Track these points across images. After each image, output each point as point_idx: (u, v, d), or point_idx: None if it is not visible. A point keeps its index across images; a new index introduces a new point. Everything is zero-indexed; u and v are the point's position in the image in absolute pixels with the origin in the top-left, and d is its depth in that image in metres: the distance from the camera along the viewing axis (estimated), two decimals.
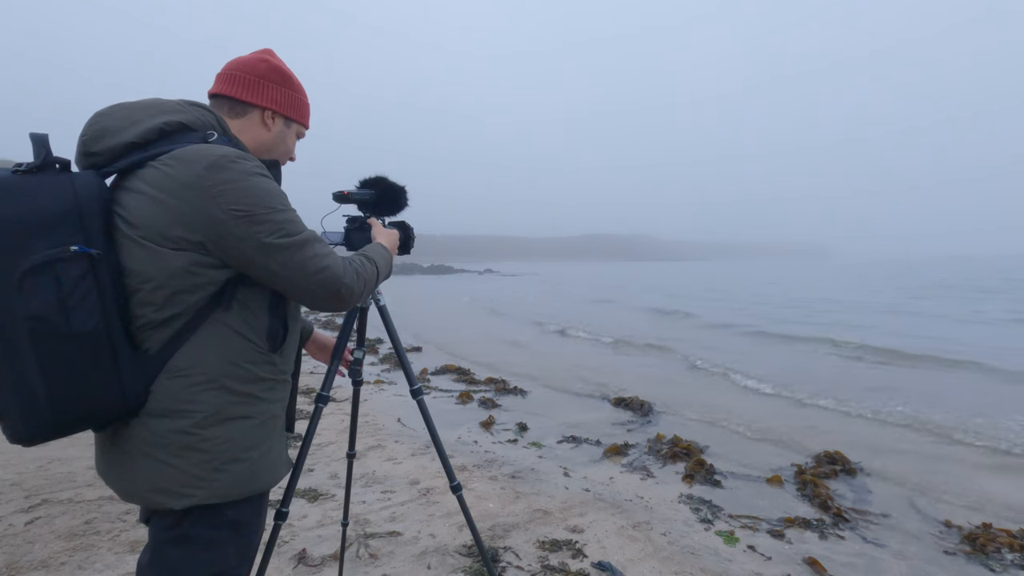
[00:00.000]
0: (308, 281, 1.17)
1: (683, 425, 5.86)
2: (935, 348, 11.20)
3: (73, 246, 1.00)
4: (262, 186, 1.13)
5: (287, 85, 1.35)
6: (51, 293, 0.98)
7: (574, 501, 3.72)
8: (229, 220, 1.08)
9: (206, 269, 1.11)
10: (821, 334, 13.37)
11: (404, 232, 1.88)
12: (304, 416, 5.49)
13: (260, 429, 1.20)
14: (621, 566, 2.88)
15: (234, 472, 1.14)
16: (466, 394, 6.83)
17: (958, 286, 37.58)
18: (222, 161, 1.10)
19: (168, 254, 1.08)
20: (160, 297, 1.09)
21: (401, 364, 2.03)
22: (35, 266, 0.97)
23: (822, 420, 6.29)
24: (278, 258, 1.13)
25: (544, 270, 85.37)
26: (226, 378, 1.13)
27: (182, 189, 1.07)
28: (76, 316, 1.00)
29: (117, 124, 1.13)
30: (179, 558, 1.14)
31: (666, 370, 9.36)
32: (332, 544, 2.94)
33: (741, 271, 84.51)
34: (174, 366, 1.10)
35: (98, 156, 1.12)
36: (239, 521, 1.19)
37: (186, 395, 1.10)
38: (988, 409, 6.62)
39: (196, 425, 1.11)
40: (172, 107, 1.18)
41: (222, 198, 1.08)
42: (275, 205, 1.14)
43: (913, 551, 3.33)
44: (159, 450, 1.10)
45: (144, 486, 1.11)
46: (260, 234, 1.10)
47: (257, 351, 1.19)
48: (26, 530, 3.01)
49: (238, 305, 1.16)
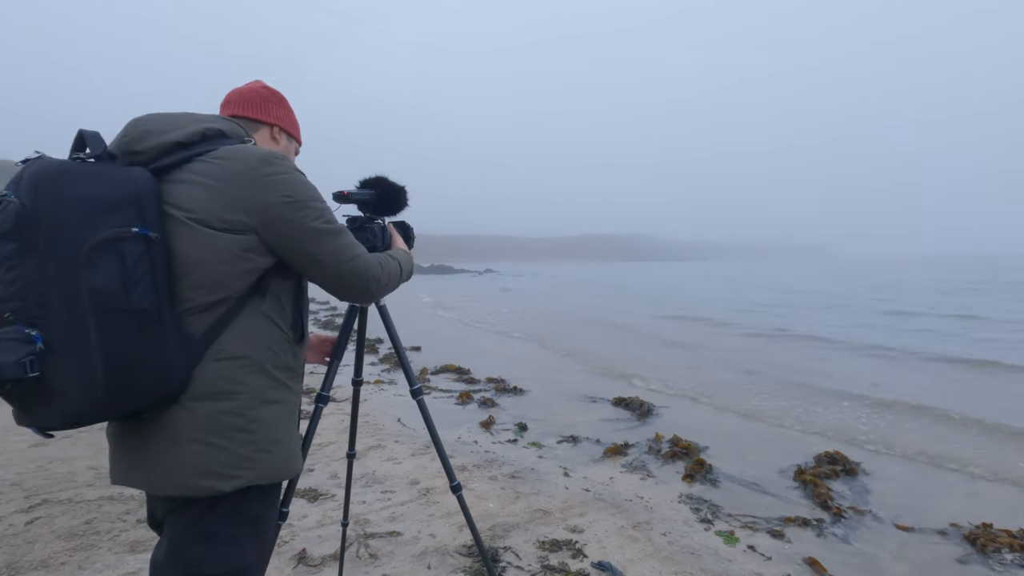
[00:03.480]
0: (342, 267, 1.28)
1: (683, 425, 5.86)
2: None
3: (134, 227, 1.06)
4: (304, 180, 1.27)
5: (285, 106, 1.55)
6: (115, 268, 1.03)
7: (574, 501, 3.72)
8: (280, 204, 1.19)
9: (254, 255, 1.19)
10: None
11: (404, 232, 1.88)
12: (304, 416, 5.50)
13: (291, 415, 1.28)
14: (621, 566, 2.88)
15: (276, 454, 1.20)
16: (466, 394, 6.83)
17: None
18: (270, 157, 1.23)
19: (221, 237, 1.15)
20: (210, 280, 1.14)
21: (401, 364, 2.03)
22: (103, 241, 1.02)
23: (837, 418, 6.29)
24: (319, 242, 1.24)
25: (543, 270, 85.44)
26: (266, 362, 1.20)
27: (237, 177, 1.18)
28: (135, 293, 1.04)
29: (161, 127, 1.20)
30: (200, 554, 1.16)
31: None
32: (332, 544, 2.94)
33: (784, 272, 75.53)
34: (220, 349, 1.15)
35: (142, 154, 1.18)
36: (259, 516, 1.22)
37: (234, 376, 1.15)
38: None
39: (243, 406, 1.15)
40: (209, 117, 1.28)
41: (274, 186, 1.20)
42: (316, 196, 1.27)
43: (913, 551, 3.33)
44: (207, 433, 1.12)
45: (189, 472, 1.12)
46: (307, 219, 1.22)
47: (287, 339, 1.27)
48: (26, 530, 3.01)
49: (272, 295, 1.24)
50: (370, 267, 1.33)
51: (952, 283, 40.99)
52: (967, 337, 13.43)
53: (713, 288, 36.45)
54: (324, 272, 1.27)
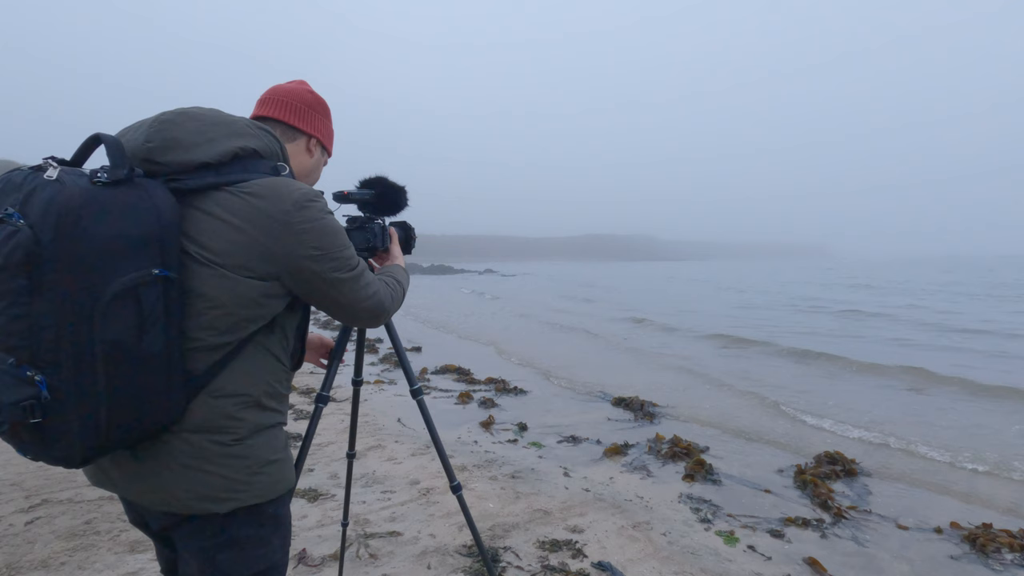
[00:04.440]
0: (359, 306, 1.28)
1: (683, 425, 5.86)
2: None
3: (155, 269, 1.00)
4: (333, 226, 1.22)
5: (327, 116, 1.48)
6: (132, 317, 0.97)
7: (574, 501, 3.72)
8: (308, 257, 1.16)
9: (272, 299, 1.15)
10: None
11: (405, 232, 1.87)
12: (304, 416, 5.50)
13: (282, 433, 1.26)
14: (621, 566, 2.88)
15: (270, 473, 1.19)
16: (466, 394, 6.83)
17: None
18: (304, 201, 1.16)
19: (243, 282, 1.10)
20: (226, 323, 1.10)
21: (401, 364, 2.03)
22: (123, 290, 0.96)
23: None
24: (342, 289, 1.23)
25: (543, 270, 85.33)
26: (262, 396, 1.18)
27: (268, 222, 1.11)
28: (147, 338, 0.99)
29: (189, 138, 1.10)
30: (231, 559, 1.16)
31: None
32: (332, 544, 2.95)
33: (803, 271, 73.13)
34: (217, 387, 1.11)
35: (164, 167, 1.09)
36: (278, 515, 1.23)
37: (231, 413, 1.12)
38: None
39: (238, 439, 1.13)
40: (244, 129, 1.17)
41: (306, 235, 1.15)
42: (343, 243, 1.23)
43: (913, 551, 3.33)
44: (201, 462, 1.10)
45: (185, 495, 1.11)
46: (332, 270, 1.20)
47: (283, 370, 1.24)
48: (26, 530, 3.01)
49: (279, 328, 1.21)
50: (383, 302, 1.34)
51: (937, 283, 41.17)
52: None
53: (676, 289, 36.02)
54: (342, 311, 1.28)
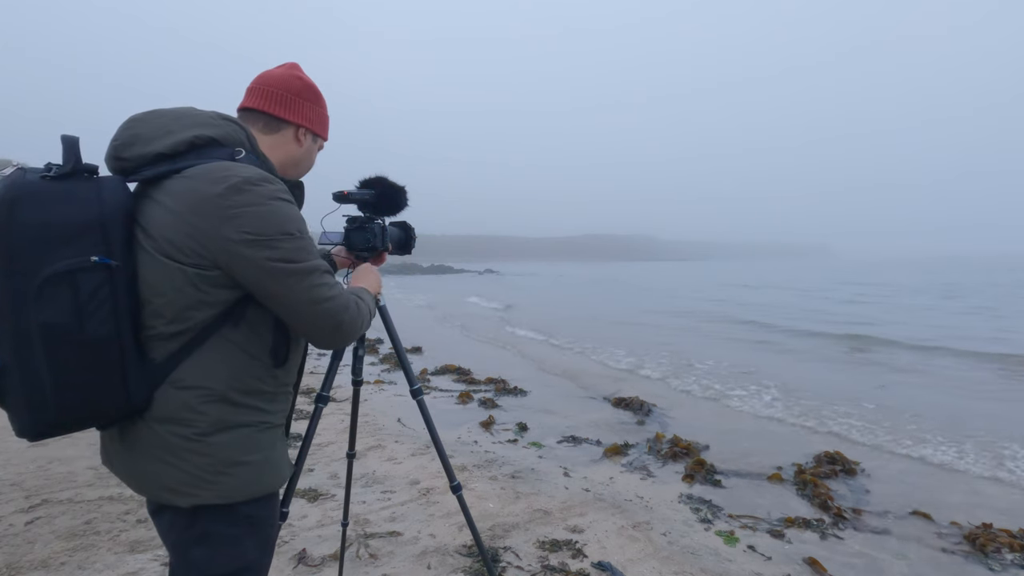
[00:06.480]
0: (312, 309, 1.16)
1: (683, 425, 5.86)
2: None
3: (94, 256, 1.02)
4: (280, 211, 1.13)
5: (317, 103, 1.39)
6: (67, 302, 1.00)
7: (574, 501, 3.72)
8: (240, 242, 1.09)
9: (214, 288, 1.12)
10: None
11: (405, 232, 1.87)
12: (304, 416, 5.50)
13: (262, 435, 1.22)
14: (621, 566, 2.88)
15: (238, 474, 1.17)
16: (466, 394, 6.83)
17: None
18: (244, 184, 1.10)
19: (177, 268, 1.09)
20: (169, 311, 1.11)
21: (401, 364, 2.03)
22: (54, 275, 0.99)
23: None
24: (288, 283, 1.13)
25: (544, 271, 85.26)
26: (230, 391, 1.15)
27: (200, 204, 1.08)
28: (91, 323, 1.02)
29: (150, 132, 1.14)
30: (203, 556, 1.17)
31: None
32: (332, 544, 2.94)
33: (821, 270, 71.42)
34: (178, 378, 1.12)
35: (127, 162, 1.14)
36: (254, 516, 1.22)
37: (192, 405, 1.12)
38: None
39: (199, 433, 1.13)
40: (204, 120, 1.18)
41: (237, 220, 1.08)
42: (289, 231, 1.14)
43: (913, 551, 3.33)
44: (164, 452, 1.13)
45: (152, 483, 1.16)
46: (271, 259, 1.11)
47: (261, 366, 1.20)
48: (26, 530, 3.01)
49: (246, 324, 1.17)
50: (345, 309, 1.21)
51: (930, 283, 40.98)
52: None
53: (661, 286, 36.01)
54: (292, 313, 1.17)
